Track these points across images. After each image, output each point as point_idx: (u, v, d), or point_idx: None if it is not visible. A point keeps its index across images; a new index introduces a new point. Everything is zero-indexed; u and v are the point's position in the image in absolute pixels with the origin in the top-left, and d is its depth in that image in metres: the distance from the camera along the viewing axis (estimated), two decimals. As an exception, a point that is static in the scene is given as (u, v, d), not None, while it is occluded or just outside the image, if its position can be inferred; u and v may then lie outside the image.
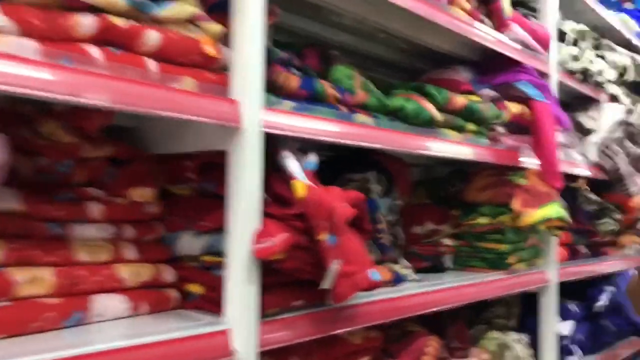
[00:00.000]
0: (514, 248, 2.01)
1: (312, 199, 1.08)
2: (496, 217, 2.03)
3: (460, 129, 1.78)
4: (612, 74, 2.82)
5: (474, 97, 1.87)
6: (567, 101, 2.83)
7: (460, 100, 1.74)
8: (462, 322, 1.93)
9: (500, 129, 1.99)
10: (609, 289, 2.75)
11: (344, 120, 1.35)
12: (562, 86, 2.47)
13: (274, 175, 1.17)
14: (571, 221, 2.02)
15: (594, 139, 2.66)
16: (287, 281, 1.18)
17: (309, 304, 1.25)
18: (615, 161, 2.72)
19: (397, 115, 1.54)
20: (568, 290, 2.61)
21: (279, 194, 1.16)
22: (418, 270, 1.94)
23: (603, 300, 2.68)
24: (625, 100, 2.84)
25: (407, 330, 1.64)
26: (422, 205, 2.09)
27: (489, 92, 1.99)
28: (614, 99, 2.83)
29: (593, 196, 2.69)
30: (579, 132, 2.71)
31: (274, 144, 1.18)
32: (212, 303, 1.14)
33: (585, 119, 2.72)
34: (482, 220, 2.04)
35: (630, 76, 2.82)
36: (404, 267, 1.76)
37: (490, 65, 2.06)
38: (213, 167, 1.16)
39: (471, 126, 1.82)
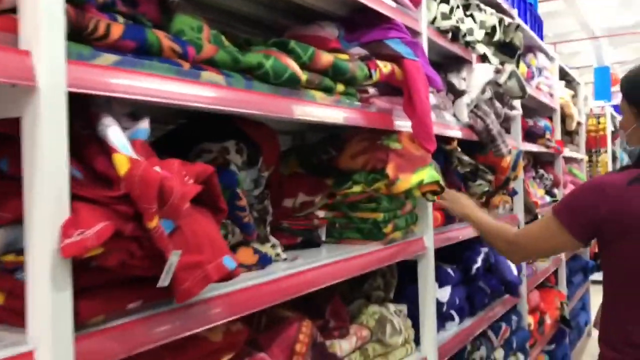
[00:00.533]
0: (390, 216, 1.90)
1: (137, 176, 0.85)
2: (370, 185, 1.90)
3: (328, 90, 1.61)
4: (480, 34, 2.79)
5: (342, 56, 1.70)
6: (438, 61, 2.76)
7: (326, 58, 1.56)
8: (339, 299, 1.79)
9: (372, 90, 1.85)
10: (483, 250, 2.76)
11: (185, 78, 1.12)
12: (432, 45, 2.38)
13: (92, 148, 0.93)
14: (445, 185, 1.93)
15: (465, 99, 2.61)
16: (118, 280, 0.95)
17: (153, 303, 1.03)
18: (486, 122, 2.70)
19: (255, 75, 1.33)
20: (444, 254, 2.58)
21: (99, 171, 0.92)
22: (291, 247, 1.79)
23: (478, 263, 2.67)
24: (494, 60, 2.82)
25: (277, 317, 1.47)
26: (293, 176, 1.91)
27: (358, 50, 1.84)
28: (483, 59, 2.81)
29: (466, 158, 2.66)
30: (451, 93, 2.66)
31: (88, 107, 0.93)
32: (16, 315, 0.89)
33: (456, 80, 2.67)
34: (356, 188, 1.91)
35: (499, 36, 2.81)
36: (272, 247, 1.58)
37: (359, 22, 1.90)
38: (4, 140, 0.89)
39: (340, 87, 1.65)
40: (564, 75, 5.37)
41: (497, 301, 2.96)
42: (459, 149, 2.47)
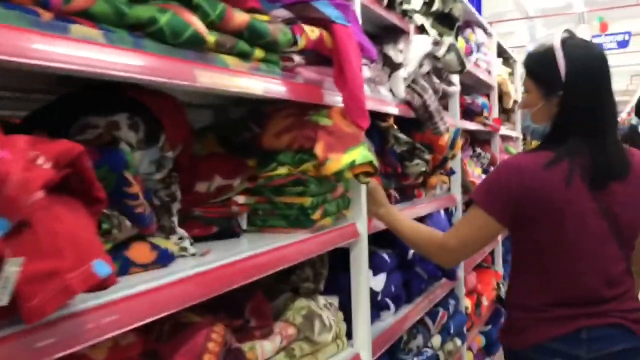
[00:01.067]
0: (319, 201, 1.70)
1: (-57, 158, 0.61)
2: (297, 166, 1.69)
3: (244, 56, 1.38)
4: (418, 3, 2.61)
5: (261, 17, 1.47)
6: (373, 32, 2.57)
7: (241, 17, 1.33)
8: (261, 295, 1.59)
9: (298, 58, 1.63)
10: (421, 233, 2.60)
11: (46, 31, 0.87)
12: (367, 13, 2.17)
13: None
14: (379, 166, 1.75)
15: (402, 73, 2.43)
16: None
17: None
18: (424, 98, 2.53)
19: (147, 32, 1.09)
20: (379, 239, 2.42)
21: None
22: (206, 238, 1.56)
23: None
24: (432, 32, 2.65)
25: (183, 323, 1.24)
26: (209, 157, 1.68)
27: (282, 12, 1.61)
28: (421, 30, 2.63)
29: (403, 136, 2.49)
30: (387, 67, 2.47)
31: None
32: None
33: (393, 52, 2.48)
34: (282, 170, 1.70)
35: (437, 6, 2.63)
36: (179, 240, 1.35)
37: (284, -20, 1.68)
38: None
39: (259, 53, 1.43)
40: (500, 52, 5.30)
41: (434, 286, 2.84)
42: (395, 127, 2.29)
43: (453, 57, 2.72)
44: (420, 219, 2.71)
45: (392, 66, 2.46)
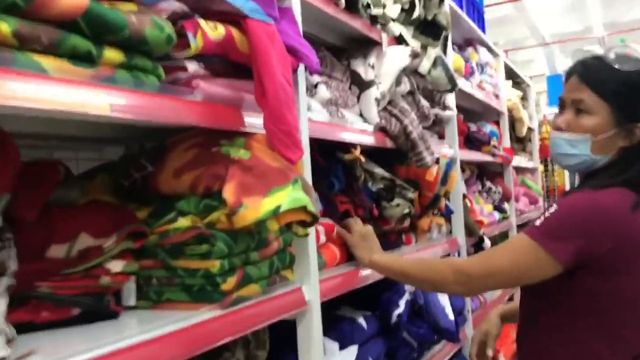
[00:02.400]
0: (233, 264, 1.22)
1: None
2: (203, 216, 1.22)
3: (81, 59, 0.93)
4: (395, 10, 2.16)
5: (121, 4, 1.03)
6: (342, 46, 2.12)
7: (69, 1, 0.88)
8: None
9: (194, 67, 1.17)
10: (408, 288, 2.10)
11: None
12: (321, 18, 1.74)
13: None
14: (319, 212, 1.26)
15: (373, 92, 1.97)
16: None
17: None
18: (403, 123, 2.06)
19: None
20: (356, 297, 1.93)
21: None
22: (67, 323, 1.10)
23: (400, 307, 2.02)
24: (414, 43, 2.20)
25: None
26: (77, 208, 1.22)
27: (171, 3, 1.17)
28: (399, 41, 2.18)
29: (379, 171, 2.01)
30: (357, 86, 2.01)
31: None
32: None
33: (362, 68, 2.03)
34: (183, 222, 1.23)
35: (418, 12, 2.19)
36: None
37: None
38: None
39: (113, 55, 0.98)
40: (511, 75, 4.83)
41: (432, 351, 2.32)
42: (364, 159, 1.82)
43: (440, 73, 2.25)
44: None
45: (362, 85, 2.00)
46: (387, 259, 1.74)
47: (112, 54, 0.98)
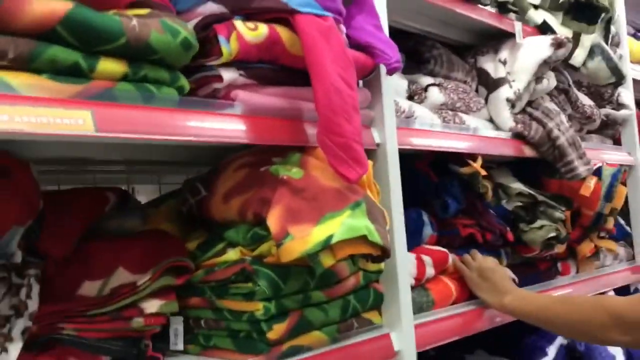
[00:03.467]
0: (281, 306, 1.01)
1: None
2: (252, 247, 1.04)
3: (66, 72, 0.81)
4: (538, -6, 1.80)
5: (135, 10, 0.90)
6: (470, 42, 1.82)
7: (45, 5, 0.77)
8: None
9: (231, 75, 1.00)
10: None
11: None
12: (444, 14, 1.49)
13: None
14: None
15: (504, 92, 1.64)
16: None
17: None
18: (547, 126, 1.69)
19: None
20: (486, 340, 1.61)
21: None
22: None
23: (550, 355, 1.63)
24: (562, 30, 1.81)
25: None
26: (121, 239, 1.11)
27: (210, 6, 1.02)
28: (544, 30, 1.81)
29: (516, 186, 1.66)
30: (484, 86, 1.70)
31: None
32: None
33: (491, 65, 1.70)
34: (231, 254, 1.06)
35: (568, -7, 1.79)
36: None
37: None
38: None
39: (112, 65, 0.85)
40: None
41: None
42: (484, 172, 1.49)
43: (599, 64, 1.82)
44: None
45: (490, 84, 1.68)
46: (521, 302, 1.40)
47: (110, 65, 0.85)
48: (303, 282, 1.05)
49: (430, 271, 1.39)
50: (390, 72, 1.17)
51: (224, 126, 0.98)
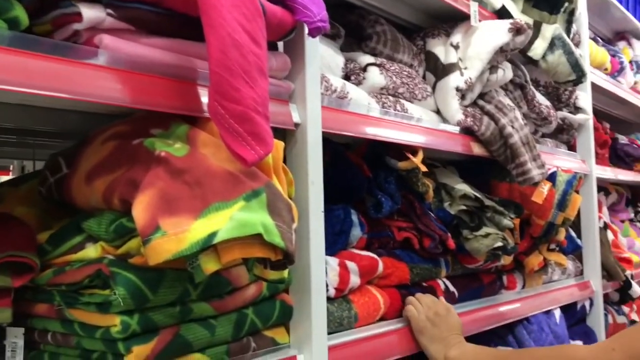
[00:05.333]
0: (147, 322, 0.77)
1: None
2: (117, 243, 0.80)
3: None
4: (498, -24, 1.62)
5: None
6: (420, 24, 1.62)
7: None
8: None
9: (98, 15, 0.76)
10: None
11: None
12: None
13: None
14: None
15: (454, 80, 1.44)
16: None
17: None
18: (500, 122, 1.50)
19: None
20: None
21: None
22: None
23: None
24: (522, 18, 1.62)
25: None
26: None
27: None
28: (502, 16, 1.62)
29: (460, 187, 1.46)
30: (433, 72, 1.49)
31: None
32: None
33: (442, 48, 1.50)
34: (90, 251, 0.82)
35: (530, -22, 1.61)
36: None
37: None
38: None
39: None
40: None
41: None
42: (422, 170, 1.28)
43: (560, 58, 1.64)
44: (508, 328, 1.62)
45: (439, 70, 1.48)
46: (470, 356, 1.21)
47: None
48: (182, 290, 0.81)
49: (355, 280, 1.17)
50: (312, 32, 0.94)
51: (81, 80, 0.73)
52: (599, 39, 2.73)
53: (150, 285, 0.77)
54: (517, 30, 1.47)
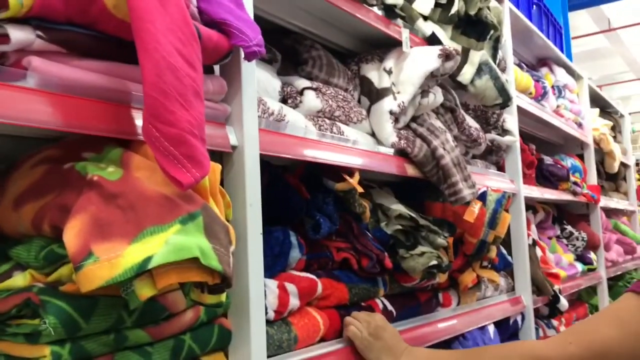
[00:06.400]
0: (79, 351, 0.75)
1: None
2: (46, 271, 0.78)
3: None
4: (427, 5, 1.68)
5: None
6: (355, 50, 1.66)
7: None
8: None
9: (27, 36, 0.74)
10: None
11: None
12: (327, 12, 1.31)
13: None
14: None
15: (387, 104, 1.48)
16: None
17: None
18: (432, 144, 1.55)
19: None
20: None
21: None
22: None
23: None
24: (451, 45, 1.69)
25: None
26: None
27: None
28: (432, 43, 1.68)
29: (396, 207, 1.50)
30: (367, 96, 1.53)
31: None
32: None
33: (377, 74, 1.55)
34: (18, 280, 0.79)
35: (457, 7, 1.68)
36: None
37: None
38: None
39: None
40: (599, 103, 4.15)
41: None
42: (361, 190, 1.31)
43: (487, 83, 1.72)
44: (445, 344, 1.66)
45: (373, 95, 1.51)
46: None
47: None
48: (116, 317, 0.79)
49: (294, 302, 1.17)
50: (248, 56, 0.95)
51: (8, 103, 0.71)
52: (523, 64, 2.87)
53: (83, 313, 0.75)
54: (446, 56, 1.53)
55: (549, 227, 2.99)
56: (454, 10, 1.71)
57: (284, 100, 1.33)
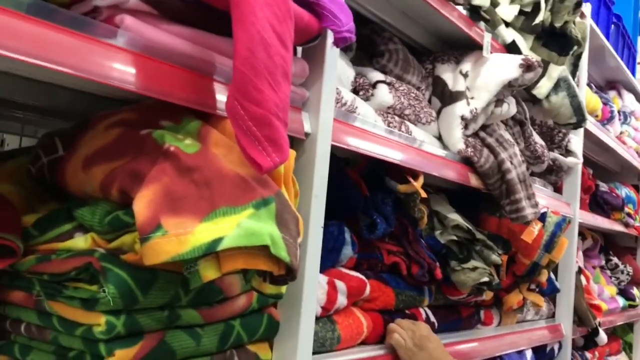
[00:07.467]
0: (133, 324, 0.72)
1: None
2: (110, 236, 0.75)
3: None
4: (511, 12, 1.61)
5: None
6: (431, 47, 1.60)
7: None
8: None
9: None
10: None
11: None
12: (411, 6, 1.25)
13: None
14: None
15: (460, 108, 1.42)
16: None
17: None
18: (500, 157, 1.48)
19: None
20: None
21: None
22: None
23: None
24: (531, 55, 1.62)
25: None
26: None
27: None
28: (510, 51, 1.61)
29: (453, 216, 1.44)
30: (439, 98, 1.48)
31: None
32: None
33: (450, 75, 1.49)
34: (79, 241, 0.76)
35: (543, 17, 1.61)
36: None
37: None
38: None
39: None
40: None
41: None
42: (425, 195, 1.26)
43: (563, 100, 1.65)
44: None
45: (445, 97, 1.46)
46: None
47: None
48: (172, 294, 0.76)
49: (342, 300, 1.13)
50: (337, 42, 0.91)
51: (95, 59, 0.69)
52: (592, 85, 2.76)
53: (142, 285, 0.72)
54: (528, 66, 1.46)
55: (595, 256, 2.89)
56: (538, 19, 1.63)
57: (355, 91, 1.29)
